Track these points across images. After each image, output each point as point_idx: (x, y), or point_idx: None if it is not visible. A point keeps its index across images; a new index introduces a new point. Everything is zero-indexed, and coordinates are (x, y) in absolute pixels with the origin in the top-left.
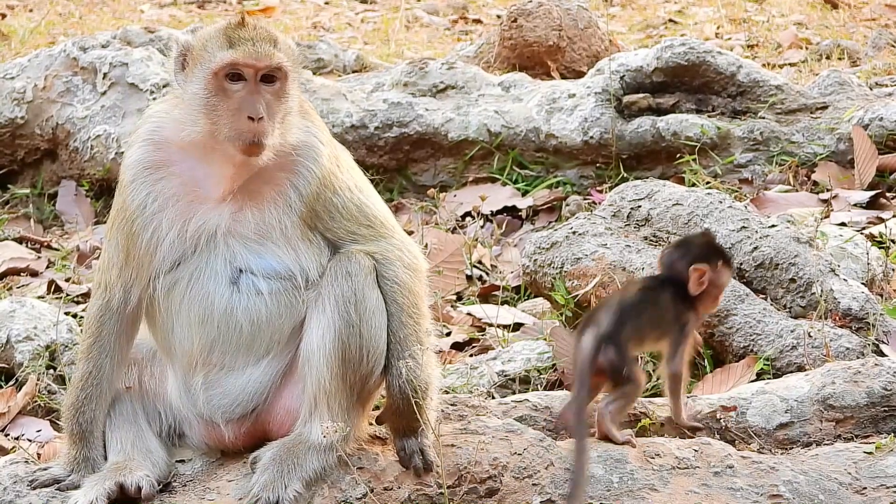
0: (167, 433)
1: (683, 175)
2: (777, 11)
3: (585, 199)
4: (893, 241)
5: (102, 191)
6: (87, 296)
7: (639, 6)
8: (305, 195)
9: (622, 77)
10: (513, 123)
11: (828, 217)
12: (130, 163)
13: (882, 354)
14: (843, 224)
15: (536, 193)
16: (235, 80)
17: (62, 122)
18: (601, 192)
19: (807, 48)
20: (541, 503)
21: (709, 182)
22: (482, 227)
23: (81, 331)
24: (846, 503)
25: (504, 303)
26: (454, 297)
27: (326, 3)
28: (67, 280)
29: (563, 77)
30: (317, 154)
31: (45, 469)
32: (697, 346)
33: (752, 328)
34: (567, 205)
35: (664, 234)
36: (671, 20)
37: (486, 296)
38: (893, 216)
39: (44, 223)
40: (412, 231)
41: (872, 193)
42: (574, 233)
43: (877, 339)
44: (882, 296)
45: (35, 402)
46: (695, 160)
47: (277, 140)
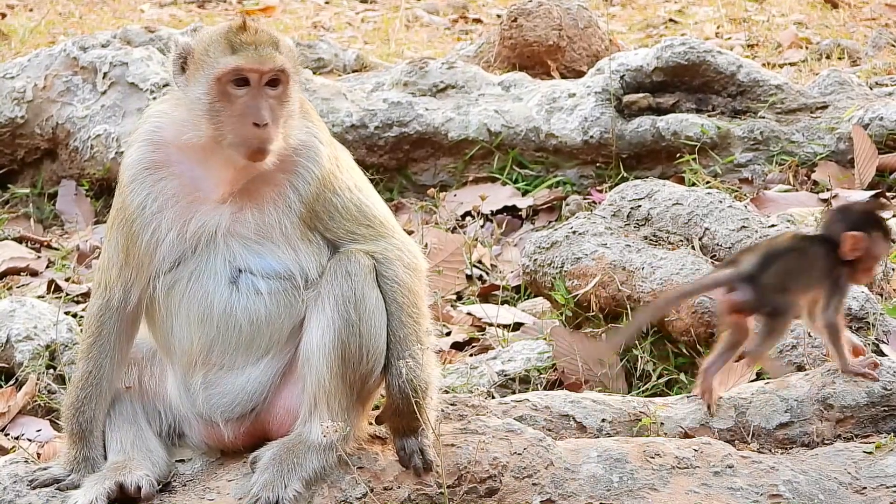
0: (167, 433)
1: (683, 175)
2: (777, 11)
3: (585, 199)
4: (893, 241)
5: (102, 190)
6: (87, 295)
7: (639, 6)
8: (305, 195)
9: (622, 77)
10: (513, 123)
11: None
12: (130, 163)
13: (882, 354)
14: None
15: (536, 193)
16: (239, 86)
17: (62, 122)
18: (601, 192)
19: (807, 48)
20: (541, 503)
21: (709, 182)
22: (482, 227)
23: (81, 330)
24: (846, 503)
25: (504, 302)
26: (454, 297)
27: (326, 3)
28: (67, 280)
29: (563, 77)
30: (317, 154)
31: (45, 469)
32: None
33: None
34: (567, 204)
35: (664, 234)
36: (671, 20)
37: (486, 295)
38: (893, 216)
39: (44, 223)
40: (412, 231)
41: (872, 193)
42: (574, 232)
43: (877, 339)
44: (882, 295)
45: (35, 402)
46: (695, 160)
47: (281, 144)
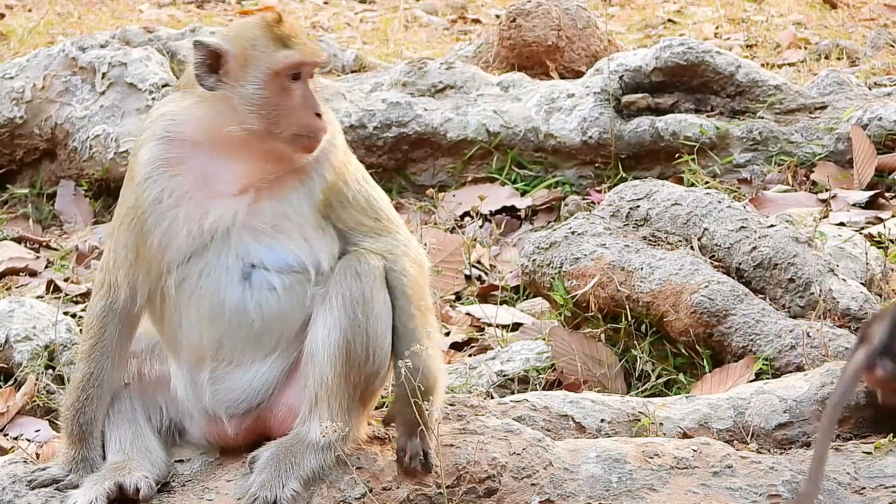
0: (167, 429)
1: (682, 175)
2: (776, 11)
3: (584, 199)
4: (892, 241)
5: (101, 191)
6: (87, 296)
7: (637, 6)
8: (323, 185)
9: (621, 77)
10: (512, 123)
11: (827, 217)
12: (145, 161)
13: None
14: (842, 224)
15: (535, 193)
16: (294, 79)
17: (61, 122)
18: (600, 192)
19: (805, 48)
20: (539, 503)
21: (707, 182)
22: (481, 227)
23: (81, 331)
24: (845, 503)
25: (503, 303)
26: (453, 297)
27: (325, 3)
28: (66, 280)
29: (562, 77)
30: (334, 143)
31: (44, 469)
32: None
33: (751, 328)
34: (566, 205)
35: (663, 234)
36: (670, 20)
37: (485, 296)
38: (892, 216)
39: (42, 223)
40: (412, 231)
41: (871, 193)
42: (573, 233)
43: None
44: (881, 296)
45: (34, 402)
46: (693, 160)
47: (329, 134)
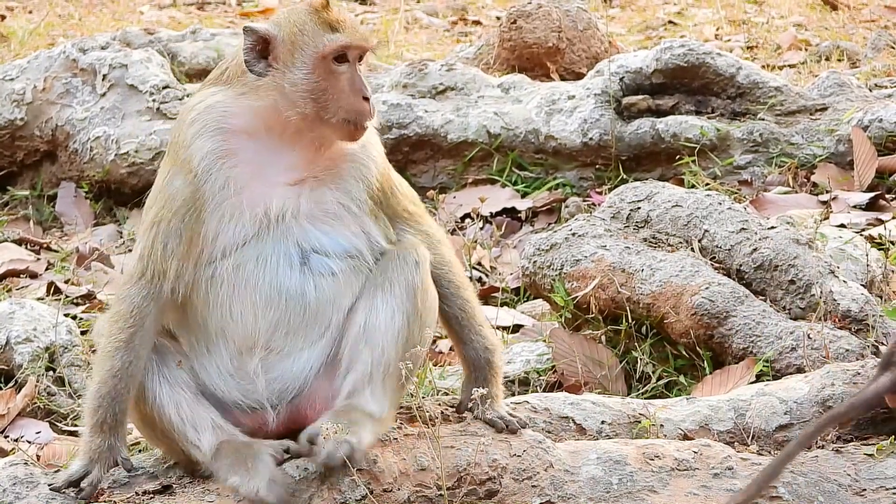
0: None
1: (683, 176)
2: (776, 13)
3: (585, 201)
4: (893, 243)
5: (102, 192)
6: (87, 297)
7: (638, 7)
8: (376, 170)
9: (621, 78)
10: (512, 125)
11: (827, 219)
12: (204, 153)
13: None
14: (843, 225)
15: (536, 195)
16: (340, 62)
17: (61, 124)
18: (600, 194)
19: (806, 49)
20: None
21: (708, 183)
22: (481, 229)
23: (112, 320)
24: None
25: (503, 304)
26: None
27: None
28: (67, 282)
29: (563, 78)
30: (375, 131)
31: (58, 471)
32: None
33: (752, 330)
34: (566, 206)
35: (664, 236)
36: (670, 21)
37: (486, 297)
38: (893, 218)
39: (43, 225)
40: None
41: (872, 195)
42: (573, 234)
43: (876, 341)
44: (882, 297)
45: (34, 404)
46: (694, 162)
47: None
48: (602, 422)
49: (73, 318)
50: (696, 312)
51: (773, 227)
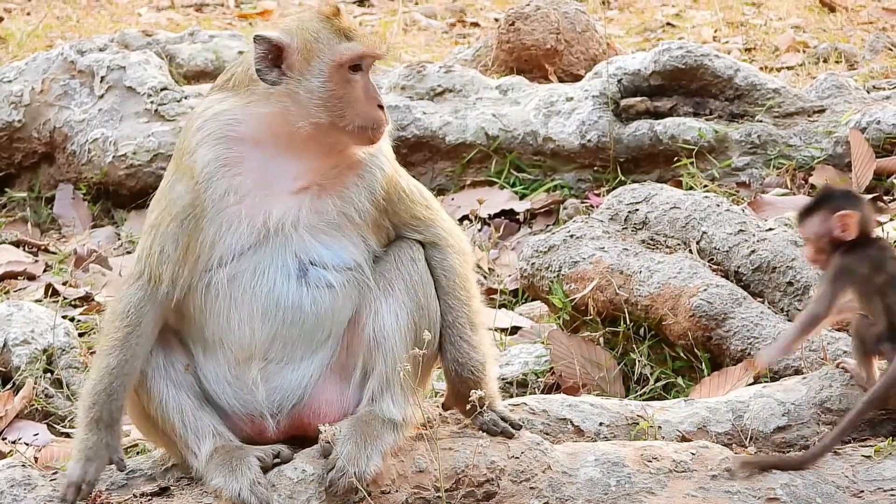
0: None
1: (681, 178)
2: (774, 15)
3: (583, 203)
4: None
5: (100, 194)
6: (85, 299)
7: (636, 9)
8: (383, 177)
9: (620, 80)
10: (510, 127)
11: None
12: (206, 160)
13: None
14: None
15: (534, 197)
16: (355, 71)
17: (59, 126)
18: (599, 196)
19: (804, 51)
20: None
21: (706, 185)
22: (480, 231)
23: (108, 319)
24: None
25: (502, 306)
26: None
27: (317, 7)
28: (65, 284)
29: (561, 80)
30: (387, 138)
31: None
32: None
33: (750, 331)
34: (565, 208)
35: (662, 238)
36: (669, 23)
37: (484, 299)
38: (890, 219)
39: (41, 227)
40: None
41: (870, 197)
42: (572, 236)
43: None
44: None
45: (32, 406)
46: (692, 163)
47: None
48: (600, 423)
49: (71, 320)
50: (695, 314)
51: (772, 229)
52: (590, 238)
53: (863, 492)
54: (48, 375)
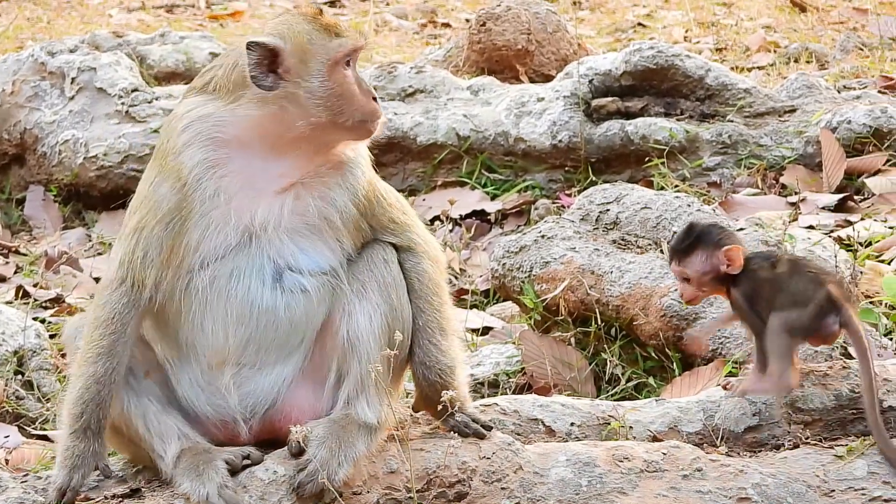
0: None
1: (652, 178)
2: (745, 15)
3: (554, 203)
4: (861, 244)
5: (70, 196)
6: (56, 301)
7: (607, 10)
8: (364, 179)
9: (591, 81)
10: (482, 127)
11: (796, 220)
12: (195, 162)
13: (850, 357)
14: (812, 227)
15: (505, 197)
16: (347, 66)
17: (30, 127)
18: (570, 196)
19: (775, 51)
20: None
21: (677, 185)
22: (451, 231)
23: (94, 326)
24: None
25: (473, 307)
26: None
27: (294, 8)
28: (35, 285)
29: (532, 81)
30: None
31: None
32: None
33: (721, 331)
34: (536, 208)
35: (633, 238)
36: (640, 24)
37: (455, 300)
38: (861, 219)
39: (11, 228)
40: None
41: (840, 196)
42: (543, 237)
43: (845, 342)
44: (849, 299)
45: (3, 408)
46: (663, 164)
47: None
48: (571, 424)
49: (42, 322)
50: (666, 314)
51: (742, 229)
52: (561, 238)
53: (833, 491)
54: (19, 377)
